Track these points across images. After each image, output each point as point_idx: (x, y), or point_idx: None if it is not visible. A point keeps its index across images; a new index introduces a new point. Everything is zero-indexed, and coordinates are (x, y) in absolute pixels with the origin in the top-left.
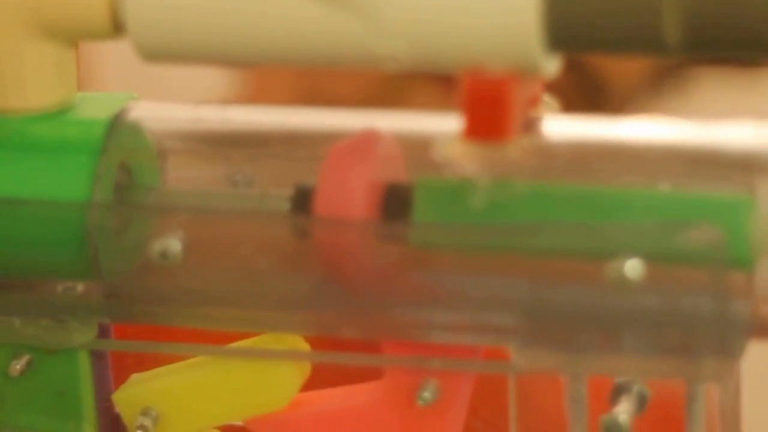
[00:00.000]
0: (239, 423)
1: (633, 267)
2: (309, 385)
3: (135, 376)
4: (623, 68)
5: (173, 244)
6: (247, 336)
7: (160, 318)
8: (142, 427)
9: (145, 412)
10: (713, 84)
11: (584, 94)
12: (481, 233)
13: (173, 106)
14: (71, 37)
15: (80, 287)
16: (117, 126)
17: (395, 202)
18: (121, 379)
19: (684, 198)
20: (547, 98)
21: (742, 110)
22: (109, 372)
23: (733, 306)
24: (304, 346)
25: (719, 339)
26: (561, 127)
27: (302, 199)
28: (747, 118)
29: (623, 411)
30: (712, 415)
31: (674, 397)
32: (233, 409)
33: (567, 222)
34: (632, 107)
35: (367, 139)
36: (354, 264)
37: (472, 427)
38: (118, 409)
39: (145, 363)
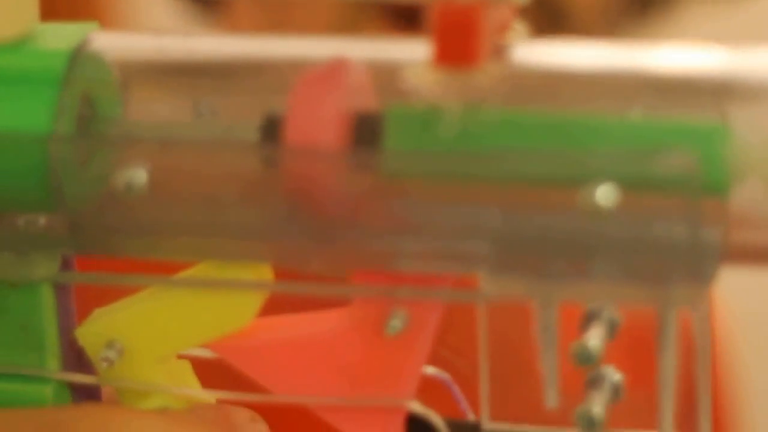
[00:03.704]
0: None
1: (605, 193)
2: (273, 313)
3: (97, 311)
4: None
5: (138, 174)
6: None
7: (125, 250)
8: (106, 359)
9: (109, 345)
10: (699, 6)
11: (546, 19)
12: (452, 160)
13: (136, 36)
14: None
15: (42, 220)
16: (79, 57)
17: (366, 131)
18: (85, 314)
19: (658, 124)
20: (517, 25)
21: (728, 32)
22: (73, 306)
23: (705, 232)
24: (268, 272)
25: (691, 265)
26: (531, 53)
27: (271, 129)
28: (732, 42)
29: (593, 337)
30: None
31: (646, 324)
32: (196, 332)
33: (539, 149)
34: (603, 32)
35: (337, 68)
36: (324, 193)
37: (440, 356)
38: (81, 343)
39: (108, 297)
